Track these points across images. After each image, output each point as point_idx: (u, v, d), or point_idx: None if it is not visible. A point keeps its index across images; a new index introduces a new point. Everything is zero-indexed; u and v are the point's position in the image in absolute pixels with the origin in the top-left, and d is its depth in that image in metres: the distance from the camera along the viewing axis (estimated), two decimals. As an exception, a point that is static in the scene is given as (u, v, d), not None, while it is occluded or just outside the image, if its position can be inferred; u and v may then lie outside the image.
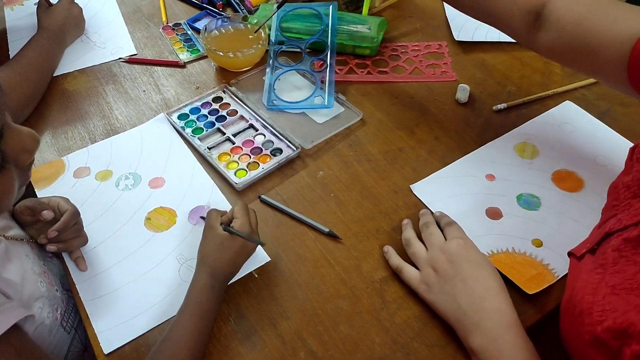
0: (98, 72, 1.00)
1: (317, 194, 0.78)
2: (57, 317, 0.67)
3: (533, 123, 0.86)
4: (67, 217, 0.68)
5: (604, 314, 0.48)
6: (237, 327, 0.64)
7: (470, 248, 0.64)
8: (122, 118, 0.91)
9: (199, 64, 1.01)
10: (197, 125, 0.88)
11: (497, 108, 0.88)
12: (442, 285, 0.62)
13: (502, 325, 0.57)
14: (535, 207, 0.74)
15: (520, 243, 0.70)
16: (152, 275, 0.69)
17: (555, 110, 0.88)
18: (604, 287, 0.49)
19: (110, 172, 0.82)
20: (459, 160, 0.81)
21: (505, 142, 0.83)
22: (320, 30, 0.97)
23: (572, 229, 0.71)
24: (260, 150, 0.84)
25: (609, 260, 0.51)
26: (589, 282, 0.52)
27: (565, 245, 0.68)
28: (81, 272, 0.70)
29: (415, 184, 0.77)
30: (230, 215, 0.67)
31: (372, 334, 0.63)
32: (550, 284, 0.65)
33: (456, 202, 0.75)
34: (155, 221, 0.76)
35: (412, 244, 0.68)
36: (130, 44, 1.05)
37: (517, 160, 0.81)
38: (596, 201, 0.74)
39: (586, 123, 0.86)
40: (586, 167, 0.79)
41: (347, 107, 0.90)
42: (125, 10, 1.14)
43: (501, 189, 0.77)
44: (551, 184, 0.77)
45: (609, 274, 0.50)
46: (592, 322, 0.48)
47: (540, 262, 0.68)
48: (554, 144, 0.83)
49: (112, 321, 0.65)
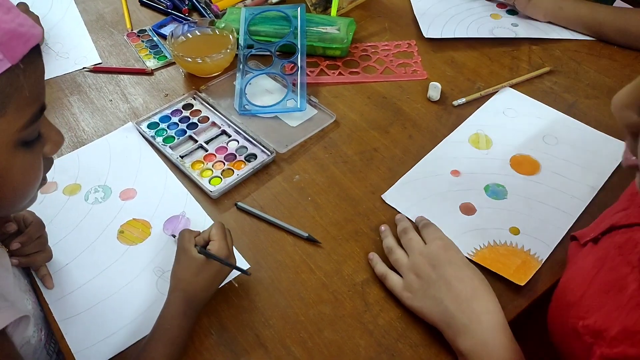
0: (62, 83, 0.97)
1: (294, 198, 0.77)
2: (42, 338, 0.65)
3: (479, 112, 0.88)
4: (31, 228, 0.66)
5: (589, 311, 0.48)
6: (219, 339, 0.63)
7: (449, 249, 0.64)
8: (89, 129, 0.88)
9: (167, 71, 0.99)
10: (168, 133, 0.86)
11: (457, 103, 0.89)
12: (425, 289, 0.61)
13: (491, 327, 0.57)
14: (503, 195, 0.75)
15: (498, 234, 0.71)
16: (129, 290, 0.67)
17: (495, 98, 0.90)
18: (597, 283, 0.50)
19: (78, 185, 0.80)
20: (421, 161, 0.81)
21: (459, 136, 0.84)
22: (290, 33, 0.97)
23: (541, 211, 0.73)
24: (234, 157, 0.82)
25: (609, 255, 0.51)
26: (583, 272, 0.52)
27: (539, 228, 0.71)
28: (54, 290, 0.67)
29: (386, 193, 0.76)
30: (205, 237, 0.65)
31: (356, 338, 0.62)
32: (537, 270, 0.66)
33: (429, 204, 0.75)
34: (128, 234, 0.74)
35: (393, 252, 0.67)
36: (95, 52, 1.02)
37: (475, 152, 0.82)
38: (555, 180, 0.77)
39: (528, 106, 0.89)
40: (537, 148, 0.82)
41: (320, 109, 0.89)
42: (88, 18, 1.11)
43: (468, 183, 0.77)
44: (511, 171, 0.79)
45: (604, 270, 0.50)
46: (577, 315, 0.49)
47: (522, 249, 0.69)
48: (503, 131, 0.85)
49: (89, 340, 0.63)
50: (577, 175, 0.77)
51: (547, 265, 0.67)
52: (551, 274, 0.67)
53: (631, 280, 0.46)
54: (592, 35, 1.01)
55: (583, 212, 0.73)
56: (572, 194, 0.75)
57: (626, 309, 0.45)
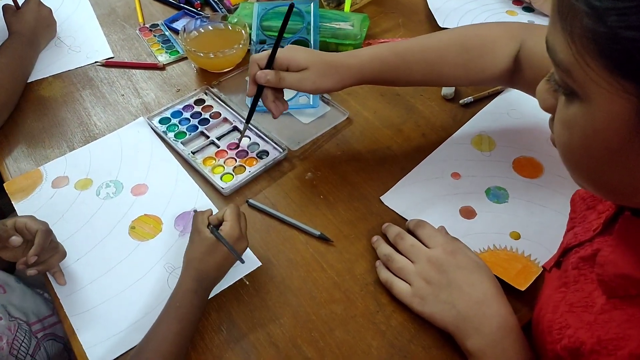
0: (74, 77, 0.96)
1: (306, 196, 0.76)
2: (4, 347, 0.65)
3: (482, 114, 0.86)
4: (42, 237, 0.63)
5: (561, 331, 0.47)
6: (230, 337, 0.63)
7: (457, 253, 0.63)
8: (101, 124, 0.88)
9: (179, 66, 0.98)
10: (180, 129, 0.85)
11: (463, 102, 0.88)
12: (437, 295, 0.61)
13: (502, 329, 0.57)
14: (504, 199, 0.74)
15: (499, 239, 0.69)
16: (140, 286, 0.67)
17: (499, 98, 0.89)
18: (564, 305, 0.49)
19: (90, 180, 0.80)
20: (421, 163, 0.79)
21: (461, 137, 0.83)
22: (302, 28, 0.96)
23: (542, 215, 0.72)
24: (246, 153, 0.82)
25: (570, 278, 0.50)
26: (552, 299, 0.51)
27: (540, 232, 0.70)
28: (65, 286, 0.67)
29: (384, 195, 0.75)
30: (220, 216, 0.65)
31: (368, 338, 0.62)
32: (537, 275, 0.65)
33: (428, 207, 0.73)
34: (140, 230, 0.73)
35: (395, 259, 0.65)
36: (107, 46, 1.02)
37: (477, 154, 0.80)
38: (558, 183, 0.75)
39: (531, 107, 0.86)
40: (541, 150, 0.80)
41: (333, 107, 0.88)
42: (100, 12, 1.11)
43: (469, 186, 0.76)
44: (514, 174, 0.77)
45: (570, 292, 0.49)
46: (553, 340, 0.48)
47: (522, 254, 0.68)
48: (507, 132, 0.83)
49: (101, 335, 0.63)
50: None
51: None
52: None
53: (597, 296, 0.45)
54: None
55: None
56: None
57: (598, 322, 0.44)
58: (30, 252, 0.62)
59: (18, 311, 0.72)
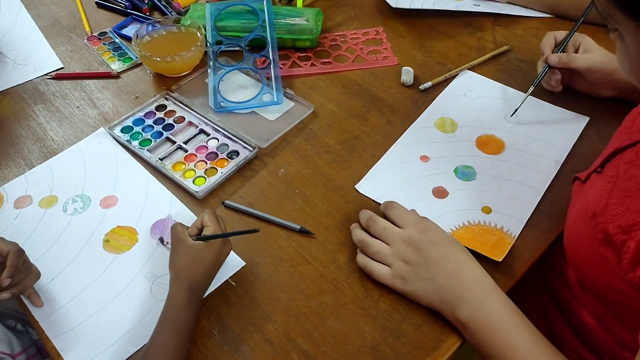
0: (23, 92, 0.92)
1: (281, 192, 0.76)
2: None
3: (442, 97, 0.89)
4: (14, 258, 0.60)
5: (618, 213, 0.54)
6: (223, 340, 0.62)
7: (428, 230, 0.65)
8: (58, 138, 0.85)
9: (134, 73, 0.96)
10: (144, 136, 0.83)
11: (423, 87, 0.90)
12: (416, 272, 0.63)
13: (482, 291, 0.60)
14: (472, 176, 0.77)
15: (472, 214, 0.72)
16: (123, 299, 0.65)
17: (456, 81, 0.92)
18: (618, 191, 0.55)
19: (54, 197, 0.77)
20: (390, 149, 0.81)
21: (425, 121, 0.85)
22: (258, 26, 0.95)
23: (509, 188, 0.75)
24: (216, 155, 0.81)
25: (621, 170, 0.57)
26: (601, 189, 0.58)
27: (509, 205, 0.73)
28: (43, 308, 0.64)
29: (359, 184, 0.77)
30: (198, 224, 0.65)
31: (360, 324, 0.63)
32: (512, 246, 0.68)
33: (403, 191, 0.75)
34: (114, 242, 0.71)
35: (370, 244, 0.66)
36: (55, 57, 0.98)
37: (442, 136, 0.83)
38: (520, 157, 0.79)
39: (487, 87, 0.91)
40: (500, 127, 0.84)
41: (297, 102, 0.88)
42: (42, 23, 1.06)
43: (438, 167, 0.79)
44: (478, 152, 0.81)
45: (621, 180, 0.56)
46: (605, 220, 0.55)
47: (495, 227, 0.70)
48: (467, 113, 0.86)
49: (87, 354, 0.61)
50: (541, 151, 0.80)
51: (520, 242, 0.69)
52: (529, 252, 0.69)
53: None
54: (550, 12, 1.04)
55: (549, 185, 0.75)
56: (537, 169, 0.77)
57: None
58: (3, 275, 0.59)
59: (1, 343, 0.69)
